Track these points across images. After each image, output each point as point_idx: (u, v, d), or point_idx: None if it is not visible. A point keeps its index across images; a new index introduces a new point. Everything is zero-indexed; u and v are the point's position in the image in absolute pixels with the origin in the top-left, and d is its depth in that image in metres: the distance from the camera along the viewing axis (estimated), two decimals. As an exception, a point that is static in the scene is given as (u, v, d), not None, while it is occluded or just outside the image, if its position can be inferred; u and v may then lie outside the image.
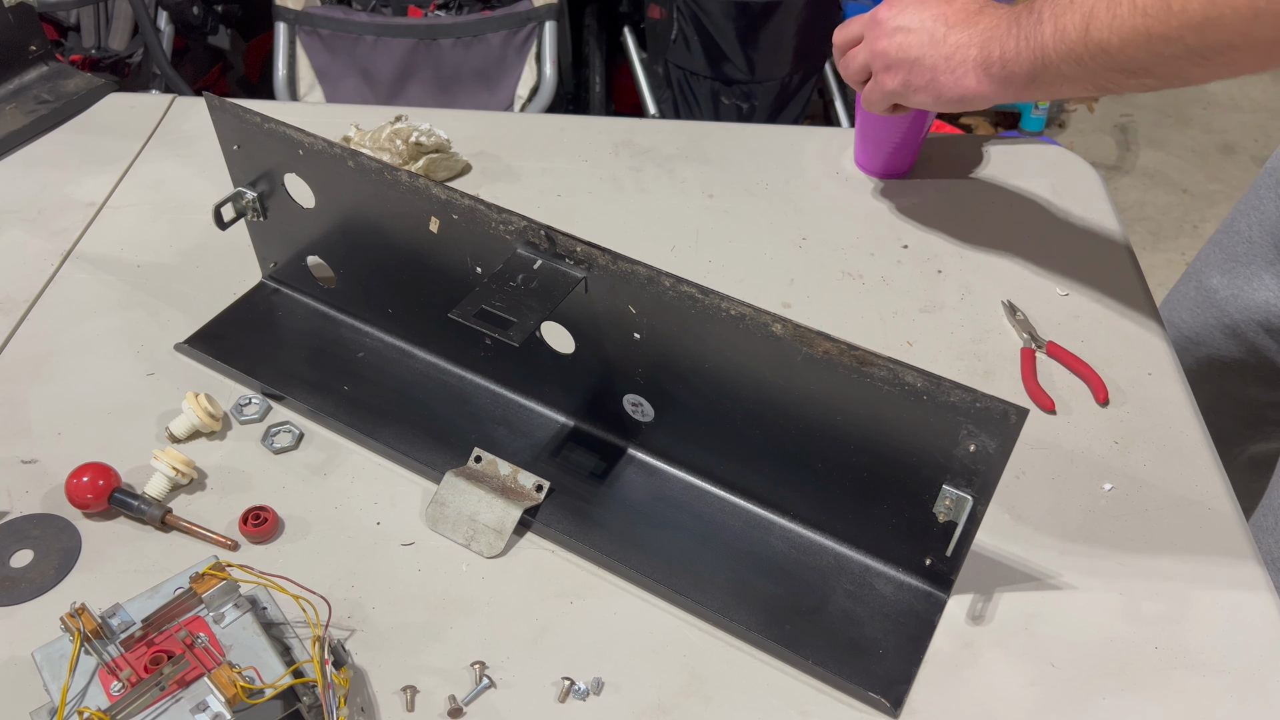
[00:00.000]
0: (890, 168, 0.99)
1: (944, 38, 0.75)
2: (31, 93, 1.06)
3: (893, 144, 0.96)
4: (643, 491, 0.71)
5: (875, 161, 0.99)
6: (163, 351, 0.81)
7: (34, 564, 0.66)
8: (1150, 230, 2.36)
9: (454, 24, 1.81)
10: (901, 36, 0.77)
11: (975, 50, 0.73)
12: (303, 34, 1.81)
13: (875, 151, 0.98)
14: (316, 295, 0.84)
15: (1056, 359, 0.82)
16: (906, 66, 0.77)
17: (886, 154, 0.98)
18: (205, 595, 0.57)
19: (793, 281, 0.89)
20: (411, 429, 0.74)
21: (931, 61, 0.75)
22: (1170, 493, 0.72)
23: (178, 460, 0.70)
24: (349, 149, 0.70)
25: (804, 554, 0.68)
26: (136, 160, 1.00)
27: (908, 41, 0.77)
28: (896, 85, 0.79)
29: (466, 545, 0.68)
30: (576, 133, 1.05)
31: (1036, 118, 2.45)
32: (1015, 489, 0.72)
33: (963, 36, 0.74)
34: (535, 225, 0.64)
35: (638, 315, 0.64)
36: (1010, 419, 0.55)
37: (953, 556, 0.63)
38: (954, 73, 0.74)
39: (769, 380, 0.62)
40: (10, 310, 0.84)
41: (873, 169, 1.00)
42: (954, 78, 0.75)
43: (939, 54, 0.75)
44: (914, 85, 0.77)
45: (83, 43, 1.88)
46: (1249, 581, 0.67)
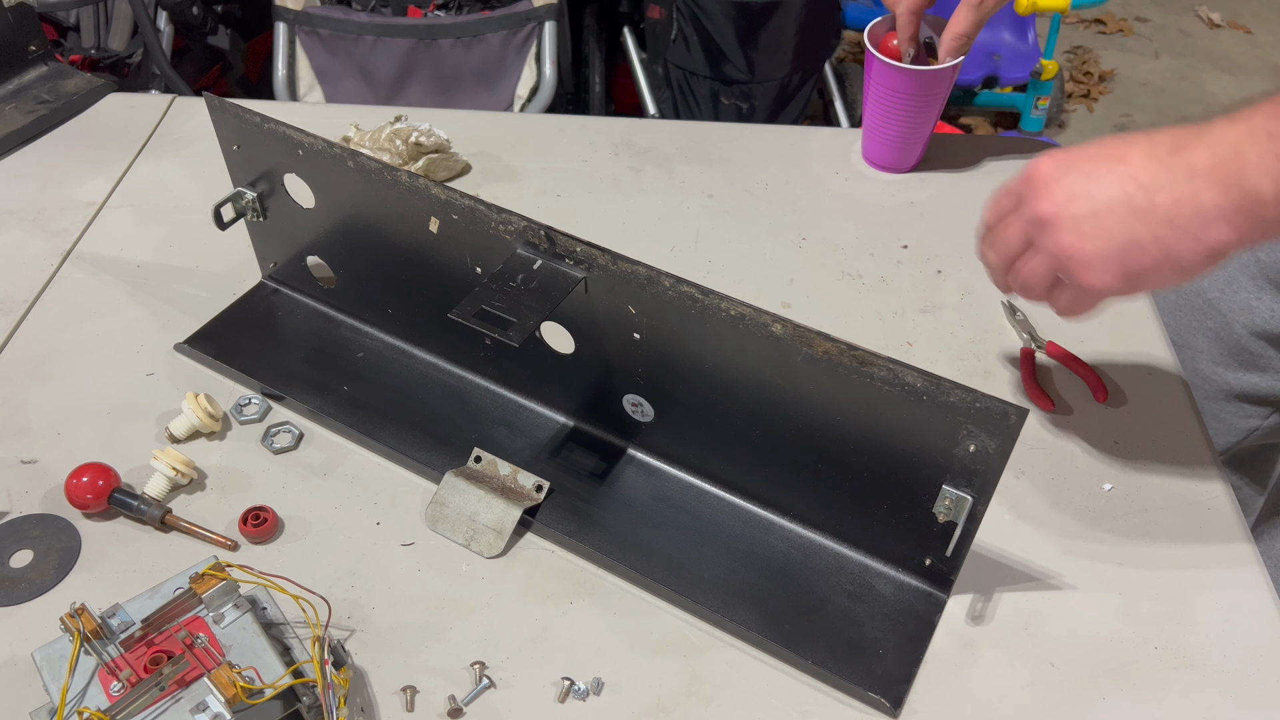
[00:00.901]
0: (901, 160, 0.99)
1: (1151, 200, 0.57)
2: (31, 93, 1.06)
3: (905, 137, 0.96)
4: (643, 491, 0.71)
5: (886, 155, 0.99)
6: (163, 351, 0.81)
7: (34, 564, 0.66)
8: (1150, 230, 2.35)
9: (454, 24, 1.81)
10: (1091, 225, 0.59)
11: (1213, 192, 0.56)
12: (302, 34, 1.80)
13: (886, 145, 0.98)
14: (316, 295, 0.84)
15: (1056, 359, 0.82)
16: (1118, 258, 0.59)
17: (898, 147, 0.98)
18: (205, 595, 0.57)
19: (793, 281, 0.89)
20: (411, 429, 0.74)
21: (1151, 235, 0.58)
22: (1170, 493, 0.72)
23: (177, 460, 0.70)
24: (349, 149, 0.70)
25: (804, 554, 0.68)
26: (136, 160, 1.00)
27: (1103, 228, 0.59)
28: (1113, 283, 0.60)
29: (466, 545, 0.68)
30: (576, 133, 1.05)
31: (1036, 118, 2.45)
32: (1015, 489, 0.72)
33: (1180, 185, 0.57)
34: (535, 225, 0.64)
35: (638, 315, 0.64)
36: (1010, 419, 0.55)
37: (953, 556, 0.63)
38: (1192, 234, 0.57)
39: (769, 380, 0.62)
40: (10, 310, 0.84)
41: (883, 162, 1.00)
42: (1194, 240, 0.57)
43: (1157, 223, 0.57)
44: (1140, 273, 0.59)
45: (82, 43, 1.88)
46: (1249, 581, 0.67)
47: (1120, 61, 2.87)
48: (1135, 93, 2.77)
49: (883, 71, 0.92)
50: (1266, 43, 2.97)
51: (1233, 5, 3.09)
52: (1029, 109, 2.44)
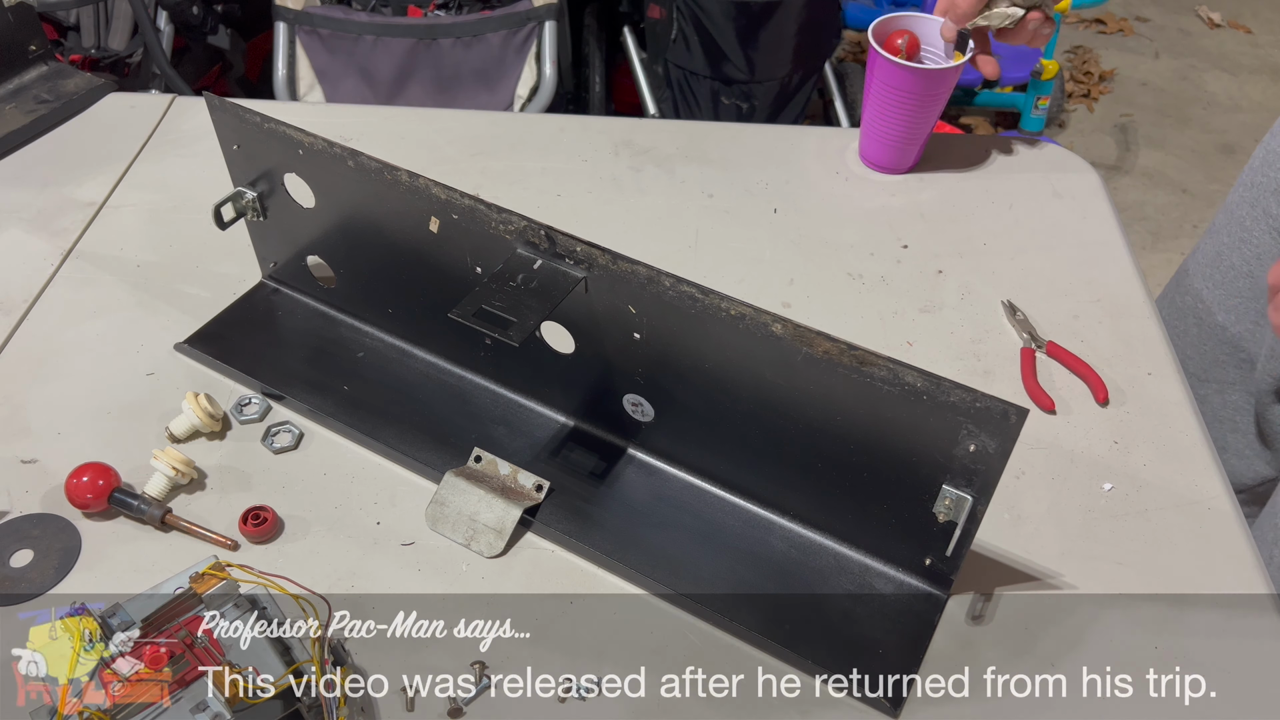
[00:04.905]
0: (898, 161, 0.99)
1: None
2: (31, 93, 1.06)
3: (904, 137, 0.96)
4: (643, 491, 0.71)
5: (883, 155, 0.99)
6: (163, 351, 0.81)
7: (34, 564, 0.66)
8: (1150, 230, 2.36)
9: (454, 24, 1.81)
10: None
11: None
12: (302, 34, 1.80)
13: (885, 144, 0.98)
14: (316, 295, 0.84)
15: (1056, 359, 0.82)
16: None
17: (896, 148, 0.98)
18: (205, 595, 0.57)
19: (793, 281, 0.89)
20: (411, 429, 0.74)
21: None
22: (1170, 493, 0.72)
23: (178, 460, 0.70)
24: (349, 149, 0.70)
25: (804, 554, 0.68)
26: (136, 160, 1.00)
27: None
28: None
29: (466, 545, 0.68)
30: (576, 133, 1.05)
31: (1036, 118, 2.45)
32: (1015, 489, 0.72)
33: None
34: (535, 225, 0.64)
35: (638, 315, 0.64)
36: (1010, 419, 0.55)
37: (953, 556, 0.63)
38: None
39: (769, 380, 0.62)
40: (10, 310, 0.84)
41: (880, 163, 1.00)
42: None
43: None
44: None
45: (83, 43, 1.88)
46: (1249, 581, 0.67)
47: (1120, 61, 2.87)
48: (1135, 93, 2.77)
49: (887, 69, 0.92)
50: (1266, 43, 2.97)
51: (1233, 5, 3.09)
52: (1029, 109, 2.44)
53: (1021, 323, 0.84)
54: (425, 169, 0.68)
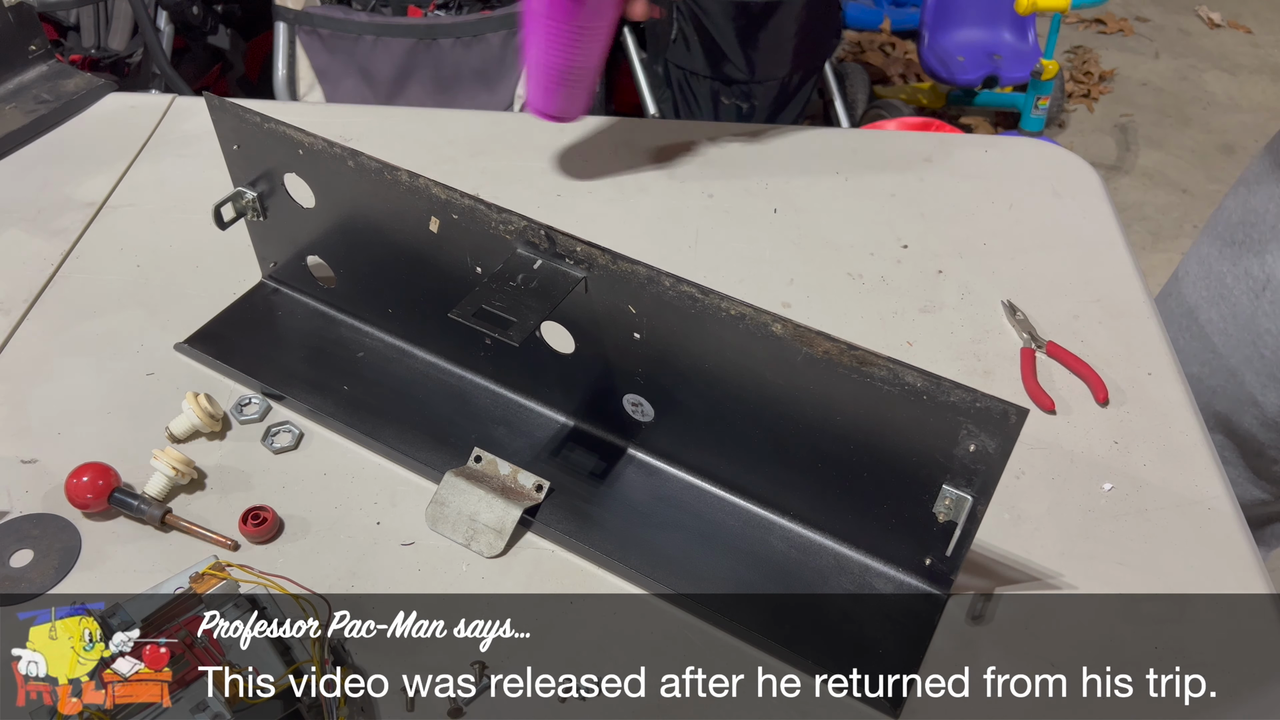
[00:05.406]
0: (564, 107, 0.91)
1: None
2: (31, 93, 1.06)
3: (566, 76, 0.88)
4: (643, 491, 0.71)
5: (548, 99, 0.90)
6: (163, 351, 0.81)
7: (34, 564, 0.66)
8: (1150, 230, 2.36)
9: (454, 24, 1.81)
10: None
11: None
12: (302, 34, 1.81)
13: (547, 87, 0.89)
14: (316, 295, 0.84)
15: (1056, 359, 0.82)
16: None
17: (559, 90, 0.89)
18: (205, 595, 0.57)
19: (793, 281, 0.89)
20: (411, 429, 0.74)
21: None
22: (1170, 493, 0.72)
23: (178, 460, 0.70)
24: (349, 149, 0.70)
25: (804, 554, 0.68)
26: (136, 160, 1.00)
27: None
28: None
29: (466, 545, 0.68)
30: (576, 133, 1.05)
31: (1036, 118, 2.45)
32: (1015, 489, 0.72)
33: None
34: (535, 225, 0.64)
35: (638, 315, 0.64)
36: (1010, 419, 0.55)
37: (953, 556, 0.63)
38: None
39: (769, 380, 0.62)
40: (10, 310, 0.84)
41: (546, 110, 0.91)
42: None
43: None
44: None
45: (83, 43, 1.88)
46: (1249, 581, 0.67)
47: (1120, 61, 2.87)
48: (1135, 92, 2.78)
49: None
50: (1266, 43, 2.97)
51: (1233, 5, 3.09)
52: (1029, 109, 2.44)
53: (1021, 323, 0.84)
54: (425, 169, 0.68)
